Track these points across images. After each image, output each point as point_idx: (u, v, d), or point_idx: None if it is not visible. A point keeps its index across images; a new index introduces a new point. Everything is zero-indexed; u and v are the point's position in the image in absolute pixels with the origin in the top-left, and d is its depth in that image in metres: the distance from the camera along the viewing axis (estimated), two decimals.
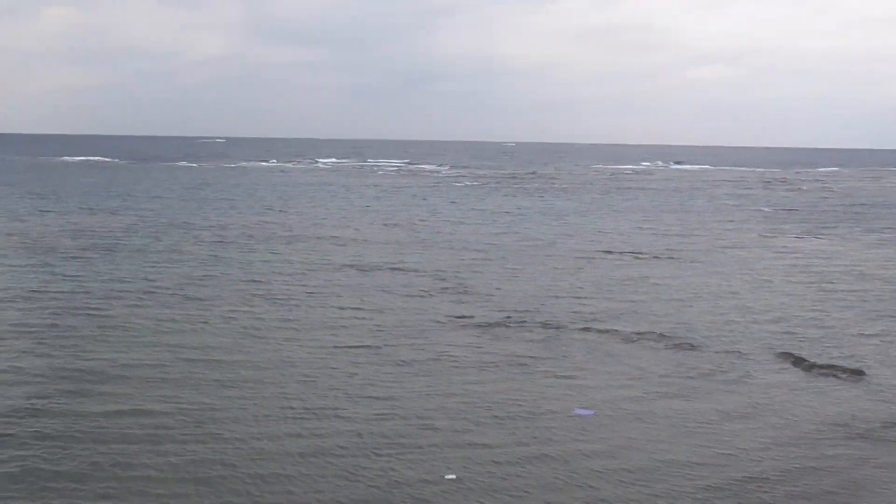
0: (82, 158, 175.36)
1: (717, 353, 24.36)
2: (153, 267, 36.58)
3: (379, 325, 27.00)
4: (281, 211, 65.92)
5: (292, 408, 18.77)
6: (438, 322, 27.55)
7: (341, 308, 29.70)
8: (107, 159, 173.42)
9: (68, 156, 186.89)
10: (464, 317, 28.29)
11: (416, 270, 37.45)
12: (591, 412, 18.98)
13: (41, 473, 14.60)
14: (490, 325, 27.27)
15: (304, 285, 33.69)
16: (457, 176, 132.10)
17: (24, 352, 22.64)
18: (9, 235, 45.76)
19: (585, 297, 32.23)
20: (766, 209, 77.23)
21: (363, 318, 28.07)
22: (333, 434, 16.86)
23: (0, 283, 31.78)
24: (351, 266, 38.40)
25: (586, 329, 26.86)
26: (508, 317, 28.32)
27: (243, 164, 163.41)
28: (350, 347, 24.32)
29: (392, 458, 15.40)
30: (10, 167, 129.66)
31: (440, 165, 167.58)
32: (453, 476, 14.46)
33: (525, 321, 27.86)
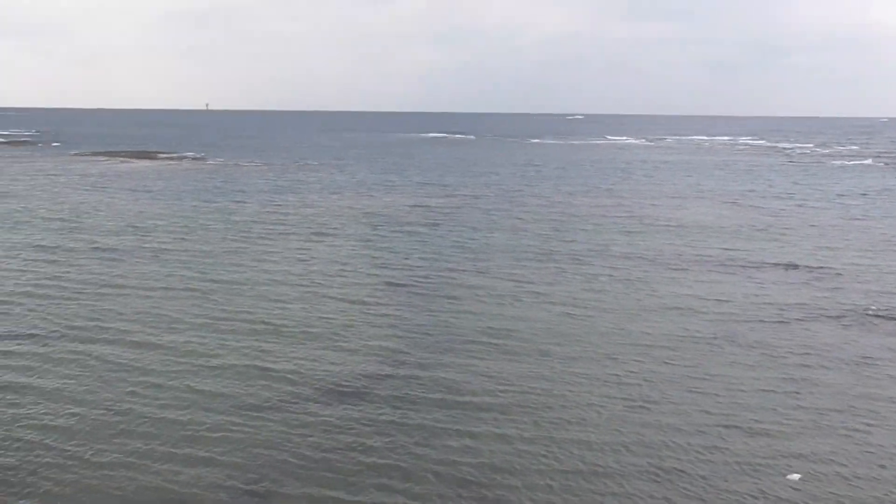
0: (435, 135, 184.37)
1: None
2: (486, 239, 36.40)
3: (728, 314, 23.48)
4: (610, 189, 63.47)
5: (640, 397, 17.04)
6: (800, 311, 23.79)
7: (695, 296, 26.24)
8: (459, 136, 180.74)
9: (423, 132, 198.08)
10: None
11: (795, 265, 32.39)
12: None
13: (389, 431, 15.20)
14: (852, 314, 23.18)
15: (638, 266, 30.74)
16: (832, 155, 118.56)
17: (386, 314, 23.49)
18: (352, 208, 47.90)
19: None
20: None
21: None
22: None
23: (344, 252, 32.99)
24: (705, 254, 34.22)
25: None
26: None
27: (594, 140, 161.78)
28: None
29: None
30: (367, 144, 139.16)
31: (815, 145, 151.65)
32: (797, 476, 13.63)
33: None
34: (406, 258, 31.40)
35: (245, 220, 40.92)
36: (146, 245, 33.42)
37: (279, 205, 47.85)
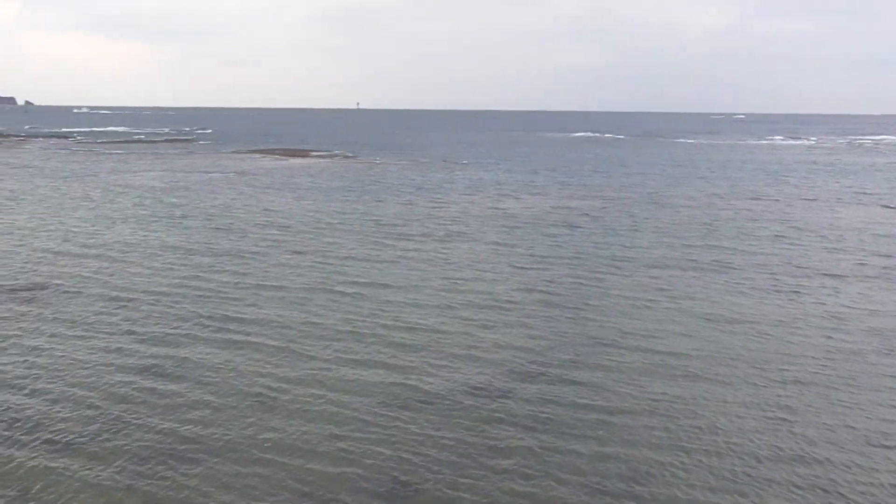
0: (582, 134, 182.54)
1: None
2: (627, 243, 35.88)
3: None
4: (760, 191, 60.77)
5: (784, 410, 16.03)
6: None
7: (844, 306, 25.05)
8: (607, 135, 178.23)
9: (570, 132, 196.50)
10: None
11: None
12: None
13: (525, 435, 15.32)
14: None
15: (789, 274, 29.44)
16: None
17: (525, 316, 23.49)
18: (493, 209, 48.17)
19: None
20: None
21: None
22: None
23: (483, 254, 33.36)
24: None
25: None
26: None
27: (747, 140, 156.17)
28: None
29: None
30: (513, 143, 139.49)
31: None
32: None
33: None
34: (544, 261, 31.31)
35: (387, 219, 41.85)
36: (288, 242, 34.65)
37: (421, 204, 48.74)
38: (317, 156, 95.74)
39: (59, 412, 15.96)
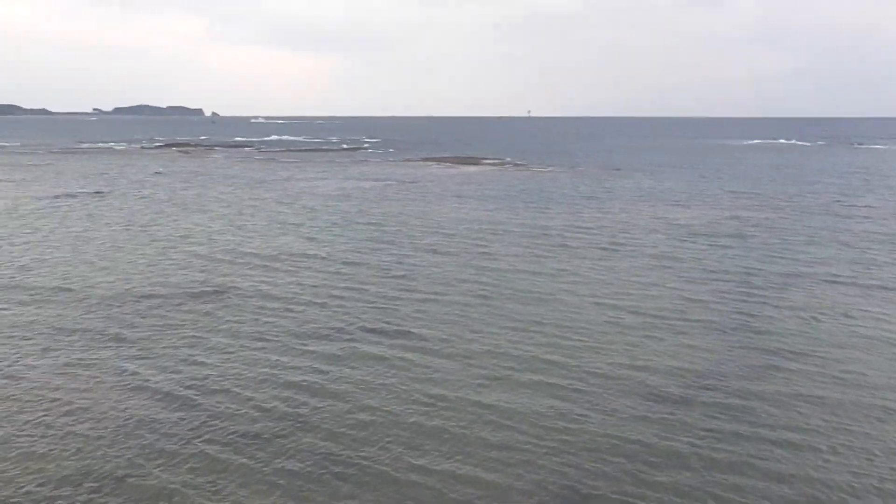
0: (759, 141, 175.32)
1: None
2: (805, 254, 34.47)
3: None
4: None
5: None
6: None
7: None
8: (790, 142, 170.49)
9: (747, 139, 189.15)
10: None
11: None
12: None
13: (713, 442, 15.46)
14: None
15: None
16: None
17: (692, 330, 23.14)
18: (658, 218, 47.49)
19: None
20: None
21: None
22: None
23: (645, 264, 32.98)
24: None
25: None
26: None
27: None
28: None
29: None
30: (685, 150, 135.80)
31: None
32: None
33: None
34: (713, 274, 30.43)
35: (552, 229, 41.88)
36: (451, 252, 35.26)
37: (587, 213, 48.43)
38: (487, 164, 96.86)
39: (231, 409, 17.07)
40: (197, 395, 17.93)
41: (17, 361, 20.13)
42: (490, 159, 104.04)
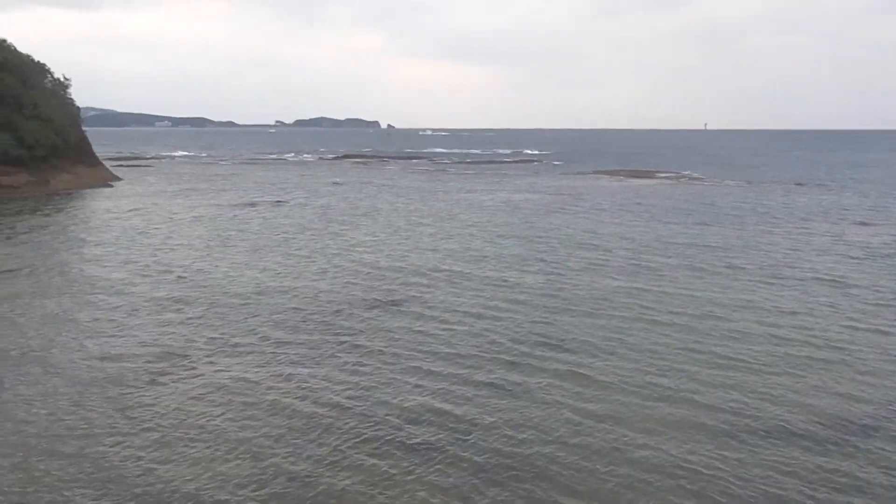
0: None
1: None
2: None
3: None
4: None
5: None
6: None
7: None
8: None
9: None
10: None
11: None
12: None
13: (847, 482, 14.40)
14: None
15: None
16: None
17: (849, 361, 21.31)
18: (836, 238, 44.17)
19: None
20: None
21: None
22: None
23: (820, 290, 31.10)
24: None
25: None
26: None
27: None
28: None
29: None
30: (878, 163, 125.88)
31: None
32: None
33: None
34: (886, 303, 27.63)
35: (720, 246, 39.93)
36: (614, 267, 34.23)
37: (759, 230, 45.97)
38: (661, 177, 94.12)
39: (398, 418, 17.05)
40: (363, 402, 18.02)
41: (196, 363, 20.97)
42: (664, 173, 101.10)
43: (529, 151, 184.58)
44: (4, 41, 77.60)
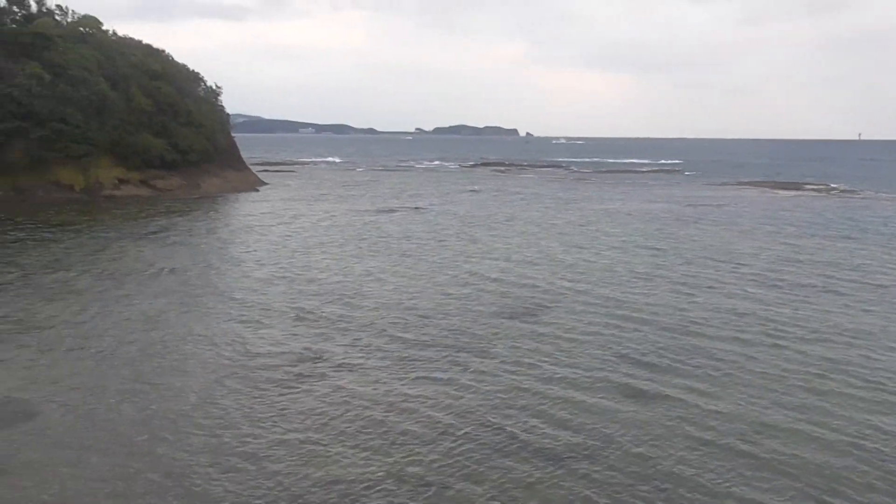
0: None
1: None
2: None
3: None
4: None
5: None
6: None
7: None
8: None
9: None
10: None
11: None
12: None
13: None
14: None
15: None
16: None
17: None
18: None
19: None
20: None
21: None
22: None
23: None
24: None
25: None
26: None
27: None
28: None
29: None
30: None
31: None
32: None
33: None
34: None
35: (862, 264, 37.77)
36: (740, 279, 33.48)
37: None
38: (809, 189, 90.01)
39: (534, 427, 17.17)
40: (501, 411, 18.19)
41: (328, 367, 21.79)
42: (812, 184, 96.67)
43: (667, 161, 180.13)
44: (163, 51, 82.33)
